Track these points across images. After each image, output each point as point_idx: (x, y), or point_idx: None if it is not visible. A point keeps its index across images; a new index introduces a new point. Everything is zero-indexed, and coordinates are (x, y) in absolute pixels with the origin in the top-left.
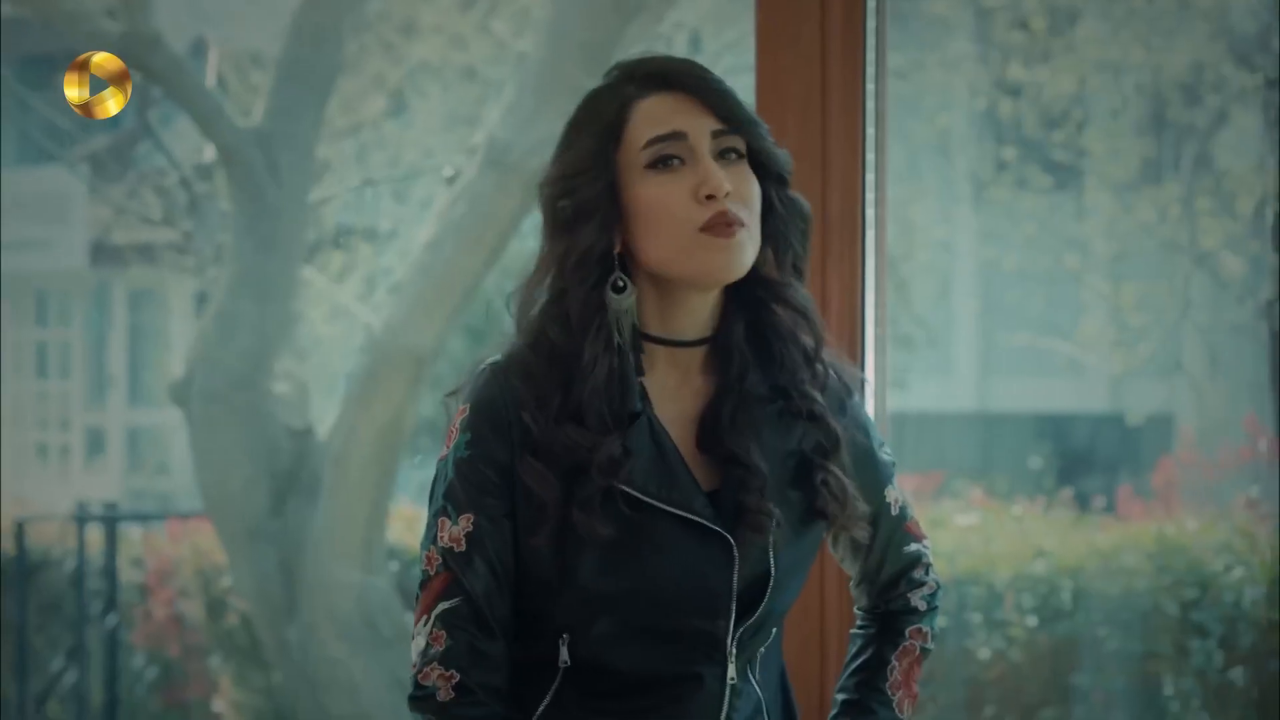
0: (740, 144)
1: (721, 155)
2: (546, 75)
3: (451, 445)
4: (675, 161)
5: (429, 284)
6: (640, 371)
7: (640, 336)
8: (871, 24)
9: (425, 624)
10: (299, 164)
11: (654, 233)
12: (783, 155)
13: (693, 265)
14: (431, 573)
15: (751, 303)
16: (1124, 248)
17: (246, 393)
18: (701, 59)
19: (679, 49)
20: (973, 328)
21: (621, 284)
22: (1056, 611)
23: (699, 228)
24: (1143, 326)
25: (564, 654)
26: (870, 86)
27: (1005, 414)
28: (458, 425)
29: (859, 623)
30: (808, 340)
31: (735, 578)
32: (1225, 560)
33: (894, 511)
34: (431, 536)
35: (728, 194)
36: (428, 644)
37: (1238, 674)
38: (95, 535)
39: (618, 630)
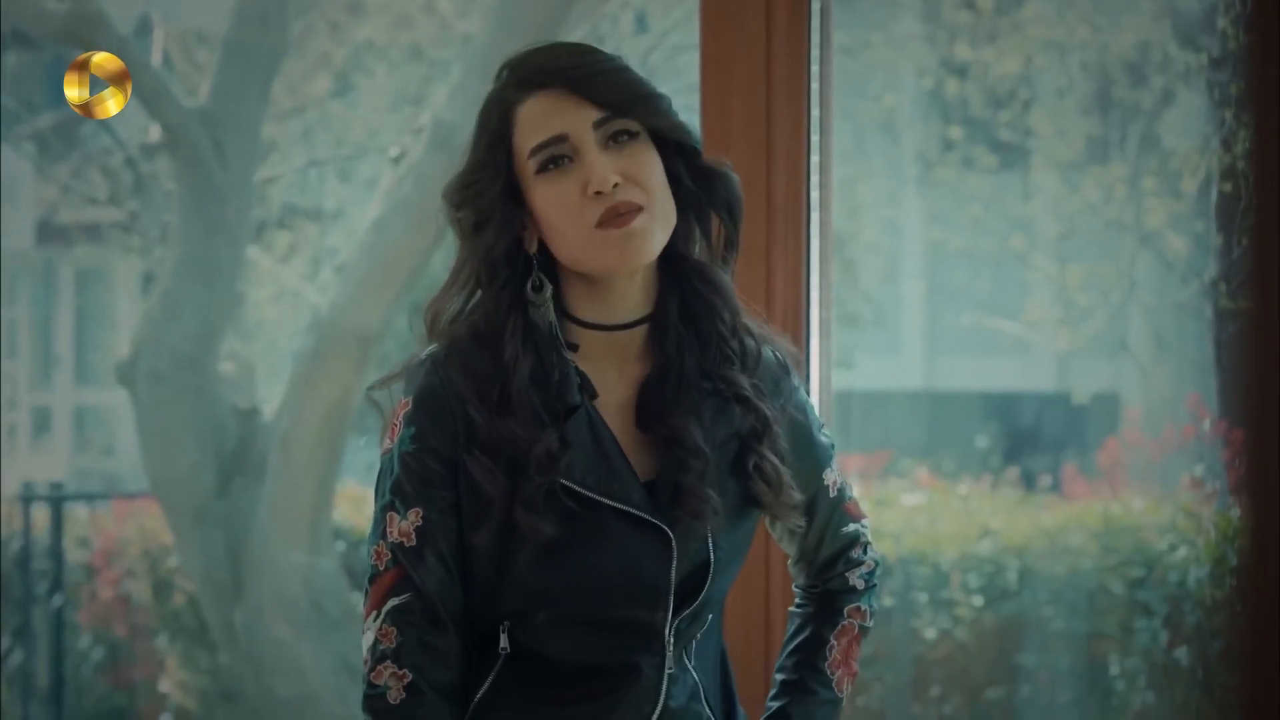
0: (630, 124)
1: (613, 139)
2: (492, 56)
3: (395, 439)
4: (565, 160)
5: (375, 264)
6: (574, 355)
7: (575, 324)
8: (816, 5)
9: (375, 619)
10: (245, 144)
11: (556, 234)
12: (684, 125)
13: (597, 261)
14: (381, 568)
15: (678, 280)
16: (1070, 228)
17: (192, 373)
18: (648, 38)
19: (625, 28)
20: (919, 307)
21: (539, 283)
22: (1003, 591)
23: (594, 225)
24: (1088, 306)
25: (503, 641)
26: (815, 68)
27: (951, 393)
28: (401, 419)
29: (797, 601)
30: (726, 317)
31: (674, 570)
32: (1170, 540)
33: (832, 494)
34: (380, 531)
35: (616, 185)
36: (377, 640)
37: (1182, 653)
38: (41, 515)
39: (556, 621)
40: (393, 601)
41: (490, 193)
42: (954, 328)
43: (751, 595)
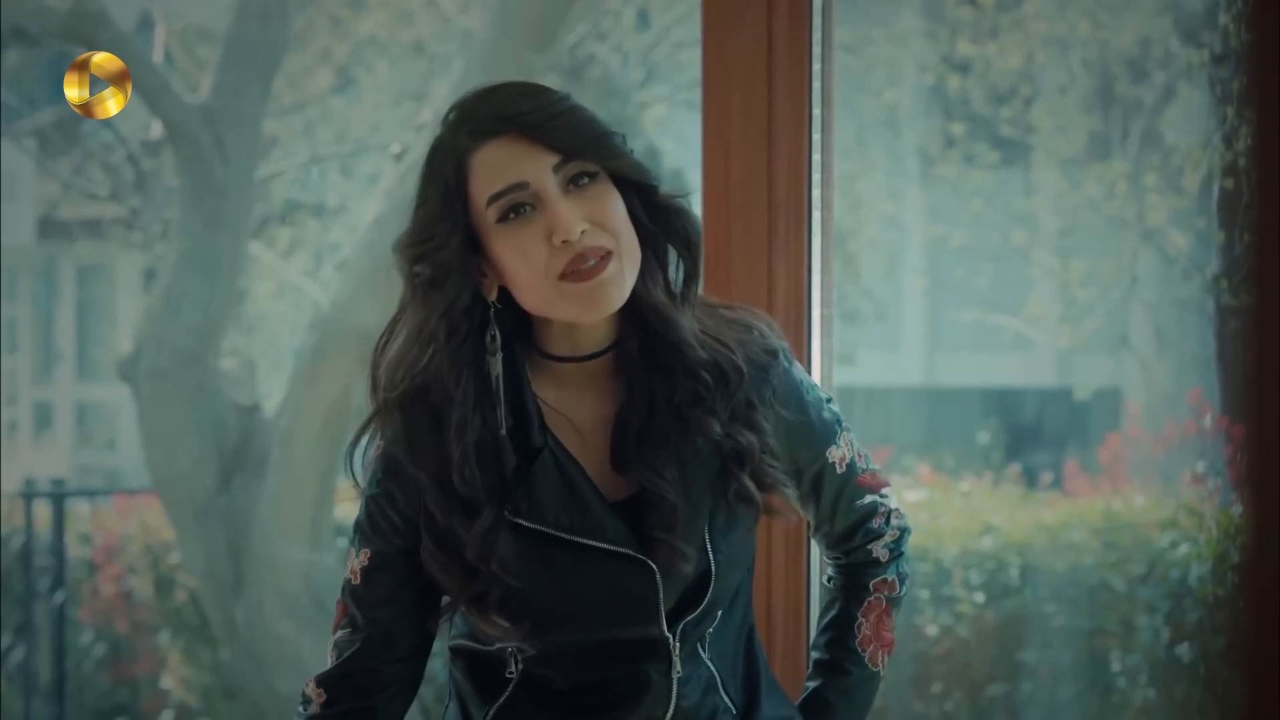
0: (589, 165)
1: (573, 182)
2: (494, 52)
3: (367, 481)
4: (526, 209)
5: (376, 261)
6: (547, 386)
7: (547, 358)
8: (818, 1)
9: (329, 646)
10: (246, 140)
11: (518, 285)
12: (641, 164)
13: (563, 311)
14: (339, 598)
15: (635, 317)
16: (1071, 223)
17: (194, 369)
18: (649, 34)
19: (626, 24)
20: (920, 303)
21: (492, 336)
22: (1004, 588)
23: (558, 276)
24: (1090, 302)
25: (511, 666)
26: (816, 65)
27: (953, 389)
28: (373, 462)
29: (828, 573)
30: (688, 353)
31: (660, 589)
32: (1171, 536)
33: (840, 470)
34: (346, 565)
35: (584, 231)
36: (328, 665)
37: (1184, 650)
38: (43, 511)
39: (557, 650)
40: (339, 633)
41: (449, 246)
42: (955, 324)
43: (756, 581)
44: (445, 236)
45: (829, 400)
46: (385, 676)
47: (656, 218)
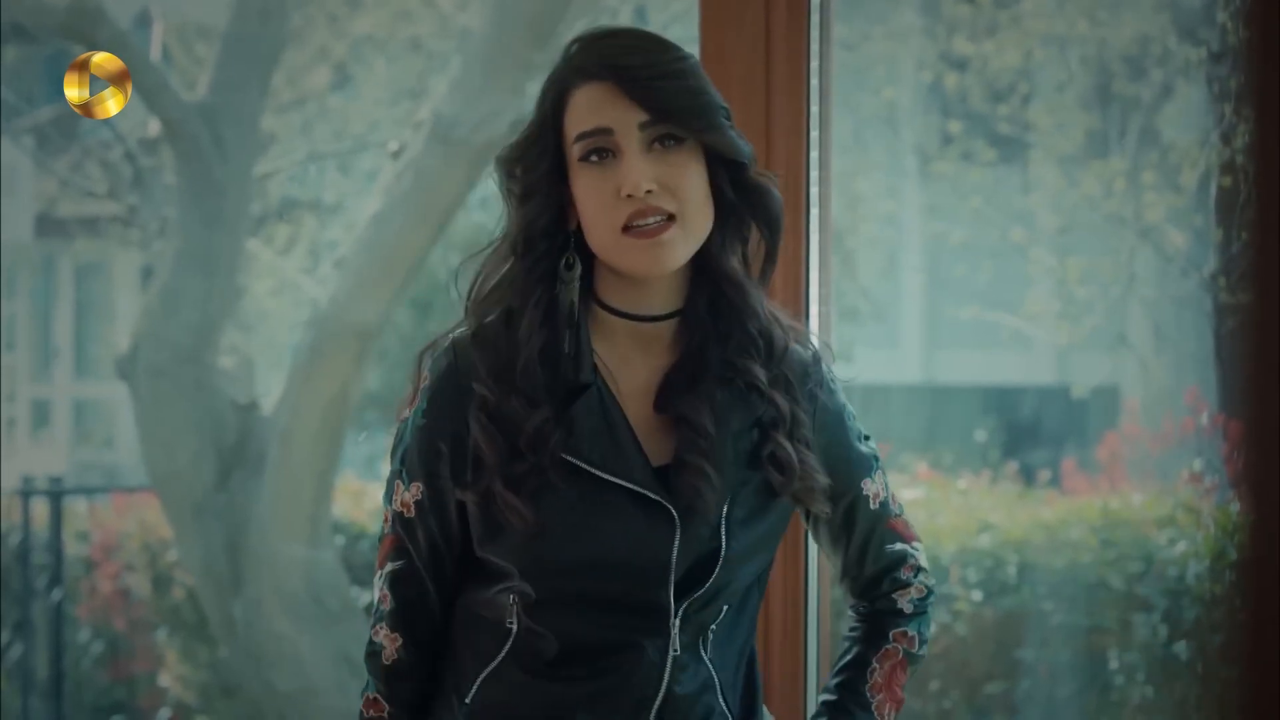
0: (678, 130)
1: (659, 142)
2: (492, 50)
3: (412, 409)
4: (607, 155)
5: (374, 259)
6: (589, 345)
7: (603, 308)
8: (816, 0)
9: (379, 580)
10: (244, 137)
11: (587, 225)
12: (733, 142)
13: (619, 262)
14: (386, 530)
15: (707, 281)
16: (1069, 221)
17: (192, 367)
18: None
19: (624, 21)
20: (919, 300)
21: (570, 261)
22: (1002, 585)
23: (620, 228)
24: (1088, 300)
25: (511, 618)
26: (815, 63)
27: (951, 386)
28: (421, 392)
29: (851, 625)
30: (751, 321)
31: (675, 548)
32: (1169, 534)
33: (873, 505)
34: (388, 495)
35: (649, 191)
36: (378, 602)
37: (1181, 648)
38: (40, 509)
39: (561, 597)
40: (390, 566)
41: (537, 170)
42: (953, 321)
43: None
44: (535, 159)
45: (868, 437)
46: (441, 606)
47: (743, 194)
